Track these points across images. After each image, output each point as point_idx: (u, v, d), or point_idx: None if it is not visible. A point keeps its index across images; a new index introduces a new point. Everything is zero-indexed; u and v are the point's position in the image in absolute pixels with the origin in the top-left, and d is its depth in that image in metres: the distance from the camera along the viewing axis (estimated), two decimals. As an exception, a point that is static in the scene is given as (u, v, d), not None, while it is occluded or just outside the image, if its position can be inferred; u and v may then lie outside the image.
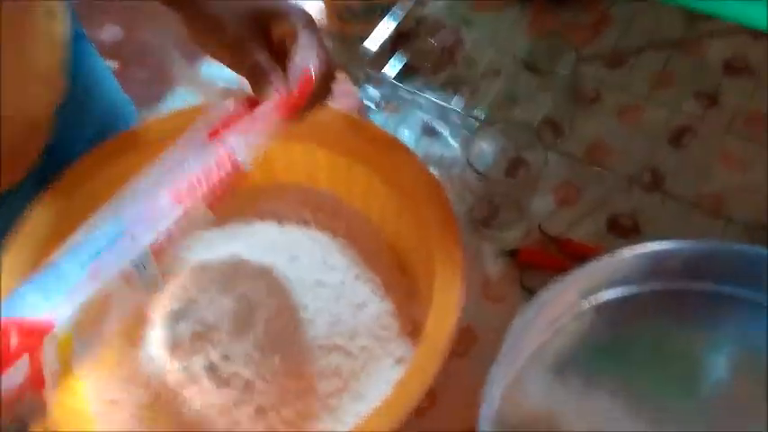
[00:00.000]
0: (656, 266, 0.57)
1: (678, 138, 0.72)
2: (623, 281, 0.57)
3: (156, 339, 0.55)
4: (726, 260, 0.55)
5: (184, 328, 0.54)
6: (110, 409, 0.55)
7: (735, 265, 0.54)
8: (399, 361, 0.57)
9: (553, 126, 0.73)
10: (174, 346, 0.53)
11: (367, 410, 0.52)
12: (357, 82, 0.78)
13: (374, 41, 0.78)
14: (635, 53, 0.78)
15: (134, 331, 0.59)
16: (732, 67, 0.76)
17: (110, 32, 1.63)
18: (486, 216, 0.68)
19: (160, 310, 0.56)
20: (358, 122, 0.64)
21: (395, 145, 0.61)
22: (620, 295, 0.58)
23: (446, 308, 0.51)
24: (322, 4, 0.85)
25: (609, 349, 0.57)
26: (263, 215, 0.66)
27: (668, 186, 0.68)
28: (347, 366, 0.56)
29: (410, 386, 0.48)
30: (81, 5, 0.77)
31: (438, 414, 0.58)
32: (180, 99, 0.92)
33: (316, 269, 0.60)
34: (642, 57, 0.77)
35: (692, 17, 0.78)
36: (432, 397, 0.58)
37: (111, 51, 1.59)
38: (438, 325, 0.51)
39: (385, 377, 0.56)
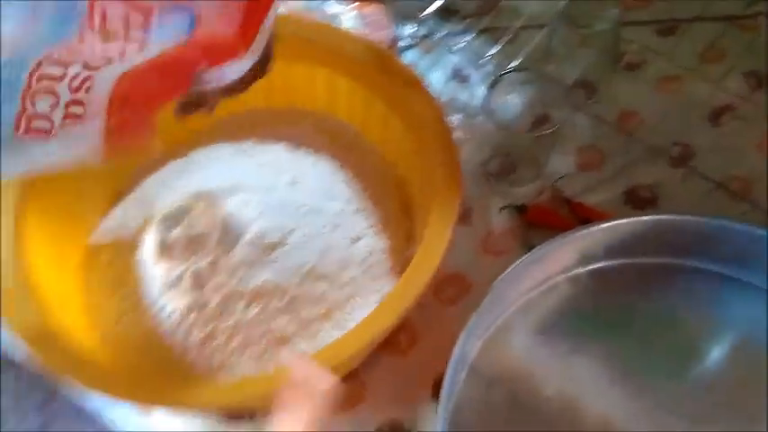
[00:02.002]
0: (660, 239, 0.55)
1: (717, 116, 0.69)
2: (624, 250, 0.55)
3: (148, 242, 0.56)
4: (734, 240, 0.53)
5: (175, 234, 0.54)
6: (96, 303, 0.56)
7: (743, 246, 0.52)
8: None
9: (587, 86, 0.70)
10: (164, 249, 0.54)
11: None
12: (394, 16, 0.76)
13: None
14: (687, 22, 0.74)
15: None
16: (787, 51, 0.72)
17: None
18: (500, 169, 0.66)
19: (157, 215, 0.56)
20: (384, 56, 0.63)
21: (416, 84, 0.60)
22: (618, 263, 0.56)
23: (431, 250, 0.50)
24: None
25: (599, 318, 0.56)
26: (278, 137, 0.66)
27: (696, 163, 0.65)
28: (332, 295, 0.55)
29: (380, 317, 0.48)
30: None
31: (419, 354, 0.58)
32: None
33: (317, 196, 0.59)
34: (694, 27, 0.73)
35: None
36: (412, 336, 0.58)
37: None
38: (420, 264, 0.50)
39: (368, 311, 0.55)
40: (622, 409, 0.52)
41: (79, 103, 0.39)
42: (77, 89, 0.39)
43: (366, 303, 0.56)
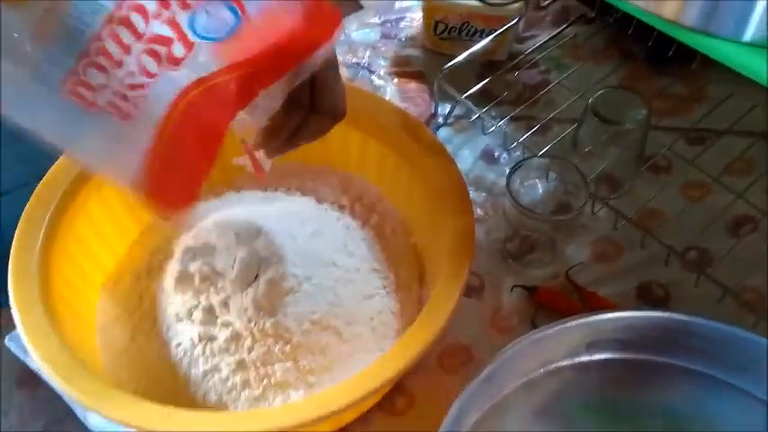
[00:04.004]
0: (668, 337, 0.55)
1: (737, 226, 0.70)
2: (631, 343, 0.55)
3: (169, 271, 0.58)
4: (744, 350, 0.53)
5: (195, 267, 0.56)
6: (112, 323, 0.58)
7: (752, 356, 0.52)
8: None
9: (611, 181, 0.72)
10: (183, 280, 0.56)
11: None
12: (434, 94, 0.80)
13: (461, 61, 0.79)
14: (717, 134, 0.76)
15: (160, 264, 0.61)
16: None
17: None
18: (518, 250, 0.68)
19: (180, 246, 0.59)
20: (415, 126, 0.65)
21: (441, 154, 0.62)
22: (623, 356, 0.56)
23: (434, 315, 0.51)
24: (420, 17, 0.87)
25: (597, 408, 0.56)
26: (306, 190, 0.69)
27: (711, 269, 0.65)
28: (336, 349, 0.56)
29: (374, 374, 0.49)
30: None
31: (414, 419, 0.58)
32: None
33: (336, 250, 0.61)
34: (723, 138, 0.75)
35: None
36: (409, 399, 0.59)
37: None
38: (421, 328, 0.51)
39: (369, 369, 0.56)
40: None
41: (126, 98, 0.40)
42: (131, 87, 0.40)
43: (368, 361, 0.57)
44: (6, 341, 0.64)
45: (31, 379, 0.61)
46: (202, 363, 0.54)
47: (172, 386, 0.55)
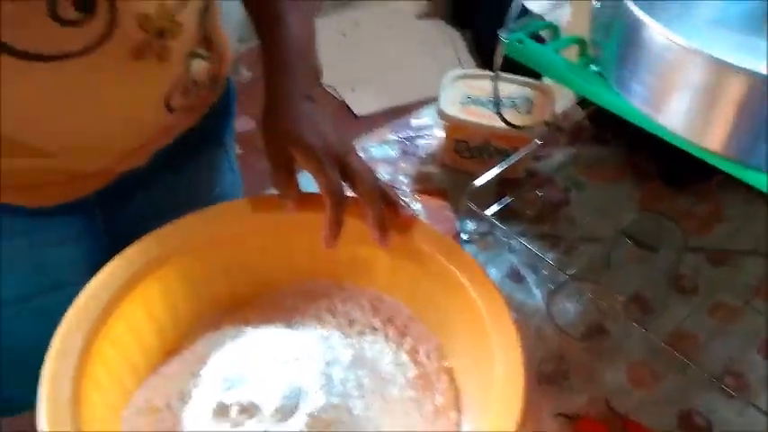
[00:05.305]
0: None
1: (771, 349, 0.69)
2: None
3: (203, 401, 0.55)
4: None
5: (231, 398, 0.53)
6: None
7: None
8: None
9: (642, 303, 0.72)
10: (219, 411, 0.53)
11: None
12: (458, 213, 0.80)
13: (483, 180, 0.80)
14: (741, 254, 0.76)
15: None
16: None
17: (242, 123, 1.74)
18: (553, 373, 0.66)
19: (213, 373, 0.56)
20: (451, 247, 0.64)
21: (482, 278, 0.61)
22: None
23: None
24: (443, 136, 0.88)
25: None
26: (334, 313, 0.67)
27: (751, 396, 0.64)
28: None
29: None
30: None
31: None
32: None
33: (372, 377, 0.59)
34: (747, 259, 0.76)
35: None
36: None
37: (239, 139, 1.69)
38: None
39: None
40: None
41: None
42: None
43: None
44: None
45: None
46: (239, 500, 0.51)
47: None
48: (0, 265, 0.69)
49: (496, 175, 0.83)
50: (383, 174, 0.87)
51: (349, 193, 0.61)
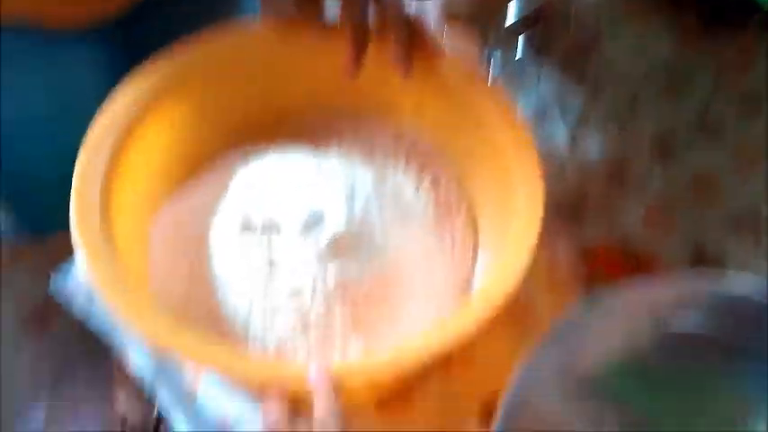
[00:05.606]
0: (730, 307, 0.54)
1: (790, 195, 0.69)
2: (695, 311, 0.55)
3: (228, 218, 0.56)
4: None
5: (256, 216, 0.55)
6: (166, 266, 0.57)
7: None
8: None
9: (667, 143, 0.71)
10: (244, 227, 0.55)
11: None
12: (486, 46, 0.78)
13: (514, 16, 0.77)
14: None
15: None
16: None
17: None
18: (573, 208, 0.67)
19: (238, 193, 0.57)
20: (478, 78, 0.63)
21: (509, 111, 0.60)
22: (686, 326, 0.55)
23: (506, 278, 0.50)
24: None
25: (652, 378, 0.55)
26: (358, 140, 0.67)
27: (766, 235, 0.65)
28: (397, 306, 0.56)
29: (446, 334, 0.48)
30: None
31: (469, 373, 0.58)
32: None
33: (393, 206, 0.60)
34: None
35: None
36: (467, 356, 0.58)
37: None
38: (492, 291, 0.50)
39: (427, 325, 0.56)
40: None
41: None
42: None
43: (426, 316, 0.57)
44: (51, 285, 0.64)
45: (42, 319, 0.60)
46: (262, 313, 0.54)
47: (230, 334, 0.54)
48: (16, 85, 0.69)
49: (528, 8, 0.79)
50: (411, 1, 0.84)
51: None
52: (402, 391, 0.58)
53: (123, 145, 0.55)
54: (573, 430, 0.52)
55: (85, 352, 1.03)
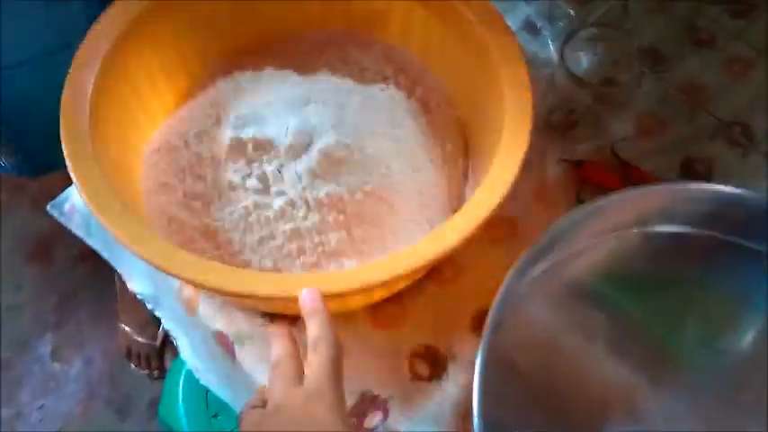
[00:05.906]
0: (718, 210, 0.55)
1: (780, 102, 0.69)
2: (677, 217, 0.56)
3: (221, 138, 0.57)
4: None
5: (247, 134, 0.55)
6: (159, 190, 0.57)
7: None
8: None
9: (657, 54, 0.71)
10: (235, 148, 0.55)
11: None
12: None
13: None
14: (761, 8, 0.74)
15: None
16: None
17: None
18: (562, 122, 0.67)
19: (229, 114, 0.57)
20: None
21: (498, 24, 0.59)
22: (669, 230, 0.56)
23: (493, 191, 0.51)
24: None
25: (642, 279, 0.57)
26: (347, 61, 0.67)
27: (755, 145, 0.65)
28: (387, 219, 0.56)
29: (431, 245, 0.49)
30: None
31: (461, 287, 0.60)
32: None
33: (383, 121, 0.60)
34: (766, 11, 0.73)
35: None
36: (457, 269, 0.60)
37: None
38: (479, 203, 0.50)
39: (419, 241, 0.56)
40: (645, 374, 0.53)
41: None
42: None
43: (417, 233, 0.57)
44: (49, 208, 0.64)
45: (44, 254, 0.61)
46: (257, 230, 0.55)
47: (226, 251, 0.55)
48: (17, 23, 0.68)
49: None
50: None
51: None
52: (396, 305, 0.59)
53: (109, 72, 0.55)
54: (561, 335, 0.54)
55: (88, 286, 1.05)
